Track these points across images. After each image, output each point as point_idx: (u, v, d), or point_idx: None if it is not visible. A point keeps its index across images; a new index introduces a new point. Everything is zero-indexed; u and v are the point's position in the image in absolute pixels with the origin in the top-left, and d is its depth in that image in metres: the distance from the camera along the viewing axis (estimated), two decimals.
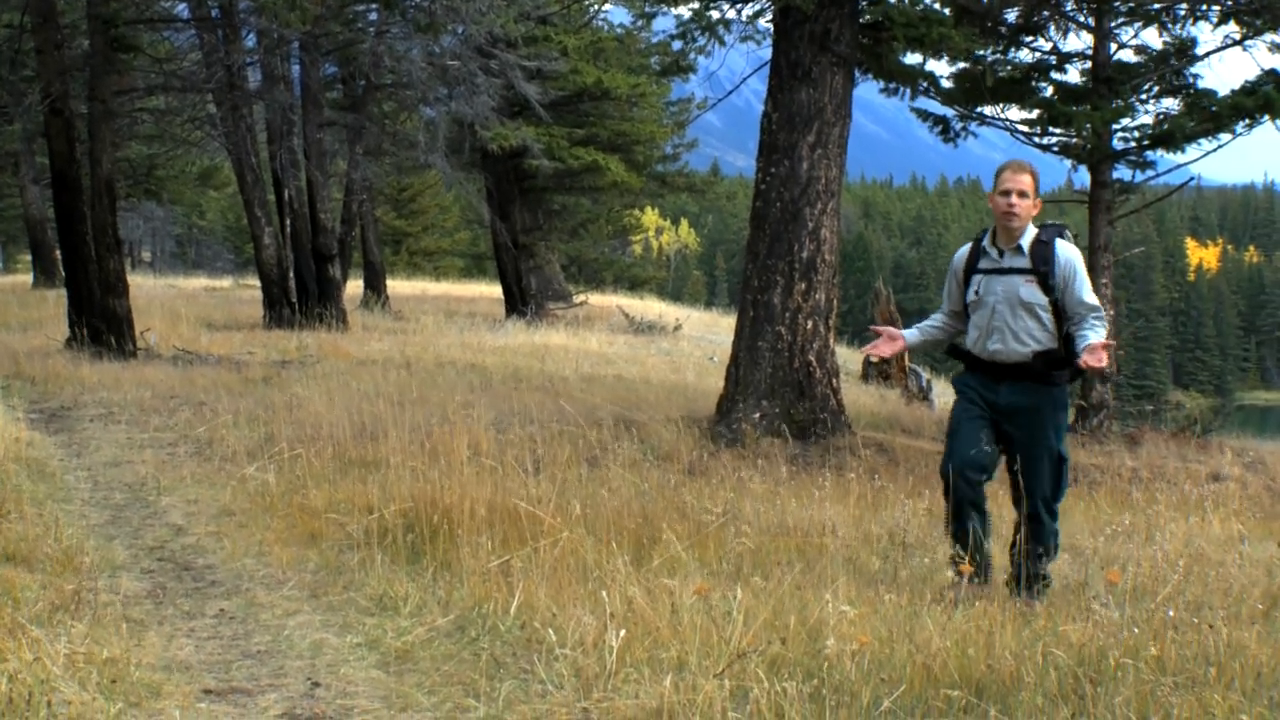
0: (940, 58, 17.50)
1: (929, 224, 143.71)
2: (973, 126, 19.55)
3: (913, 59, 17.28)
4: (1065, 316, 7.65)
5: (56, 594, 7.19)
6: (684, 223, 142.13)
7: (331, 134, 33.63)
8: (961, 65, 18.67)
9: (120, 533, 9.46)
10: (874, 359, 8.66)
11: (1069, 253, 7.70)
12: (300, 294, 31.19)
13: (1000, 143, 21.62)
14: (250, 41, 29.94)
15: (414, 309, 37.77)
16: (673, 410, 16.16)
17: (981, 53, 18.20)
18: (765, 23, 16.03)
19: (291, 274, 31.39)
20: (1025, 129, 19.39)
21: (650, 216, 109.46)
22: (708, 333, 40.39)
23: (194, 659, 6.50)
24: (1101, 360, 7.29)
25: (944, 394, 27.49)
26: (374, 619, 7.12)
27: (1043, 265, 7.63)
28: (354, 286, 38.89)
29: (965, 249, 8.07)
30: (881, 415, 17.28)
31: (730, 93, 17.53)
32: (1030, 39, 19.08)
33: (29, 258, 55.04)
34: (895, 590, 6.91)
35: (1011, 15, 18.23)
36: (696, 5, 15.75)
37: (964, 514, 7.68)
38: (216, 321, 29.40)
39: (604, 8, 30.73)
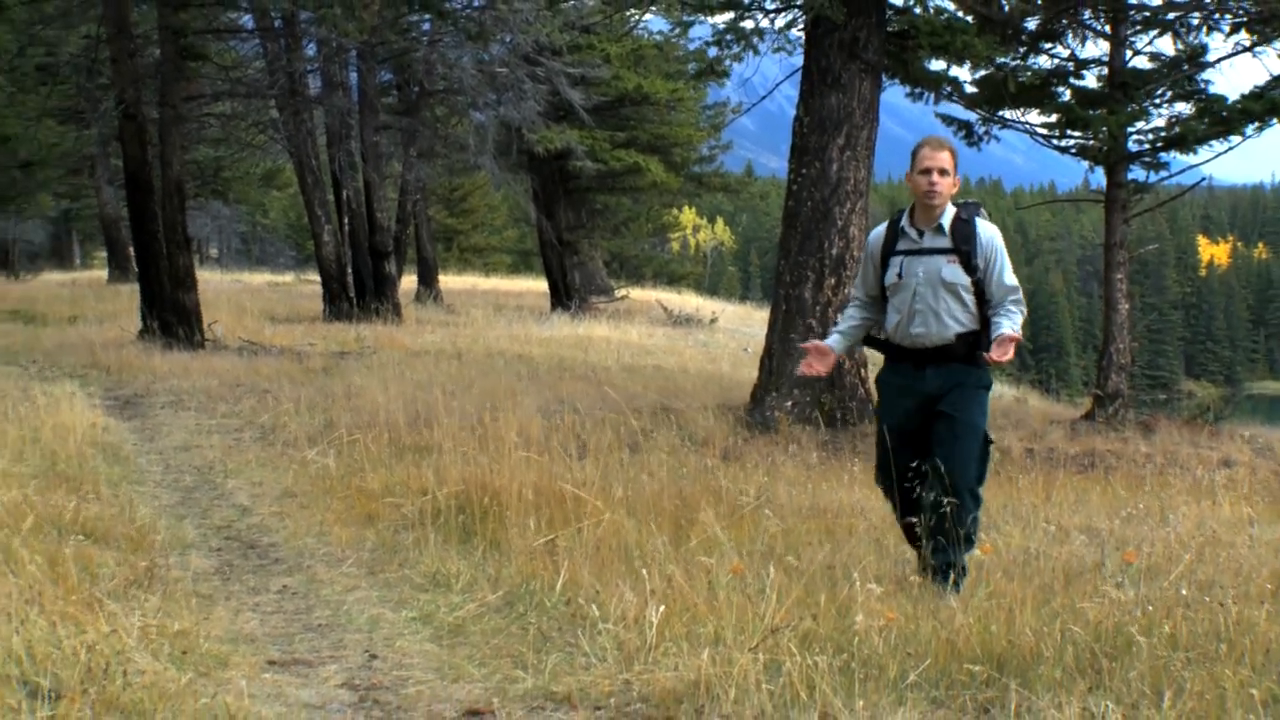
0: (963, 64, 17.43)
1: None
2: (994, 130, 19.46)
3: (937, 65, 17.25)
4: (985, 297, 7.12)
5: (131, 570, 7.22)
6: (720, 221, 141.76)
7: (387, 137, 33.69)
8: (984, 71, 18.58)
9: (190, 513, 9.50)
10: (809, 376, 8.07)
11: (990, 231, 7.21)
12: (358, 288, 31.27)
13: (1020, 145, 21.63)
14: (311, 50, 30.02)
15: (465, 303, 37.81)
16: (709, 399, 16.14)
17: (1003, 59, 18.10)
18: (797, 31, 16.01)
19: (350, 270, 31.47)
20: (1044, 132, 19.31)
21: (688, 215, 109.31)
22: (742, 325, 40.31)
23: (259, 632, 6.53)
24: (1008, 355, 6.82)
25: None
26: (428, 595, 7.14)
27: (964, 244, 7.11)
28: (408, 281, 38.92)
29: (880, 230, 7.45)
30: None
31: (764, 98, 17.50)
32: (1049, 46, 18.97)
33: (105, 254, 55.33)
34: (920, 570, 6.89)
35: (1031, 24, 18.13)
36: (732, 15, 15.71)
37: (909, 509, 7.17)
38: (279, 314, 29.48)
39: (644, 17, 30.60)
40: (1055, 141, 19.34)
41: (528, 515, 8.04)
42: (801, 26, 15.46)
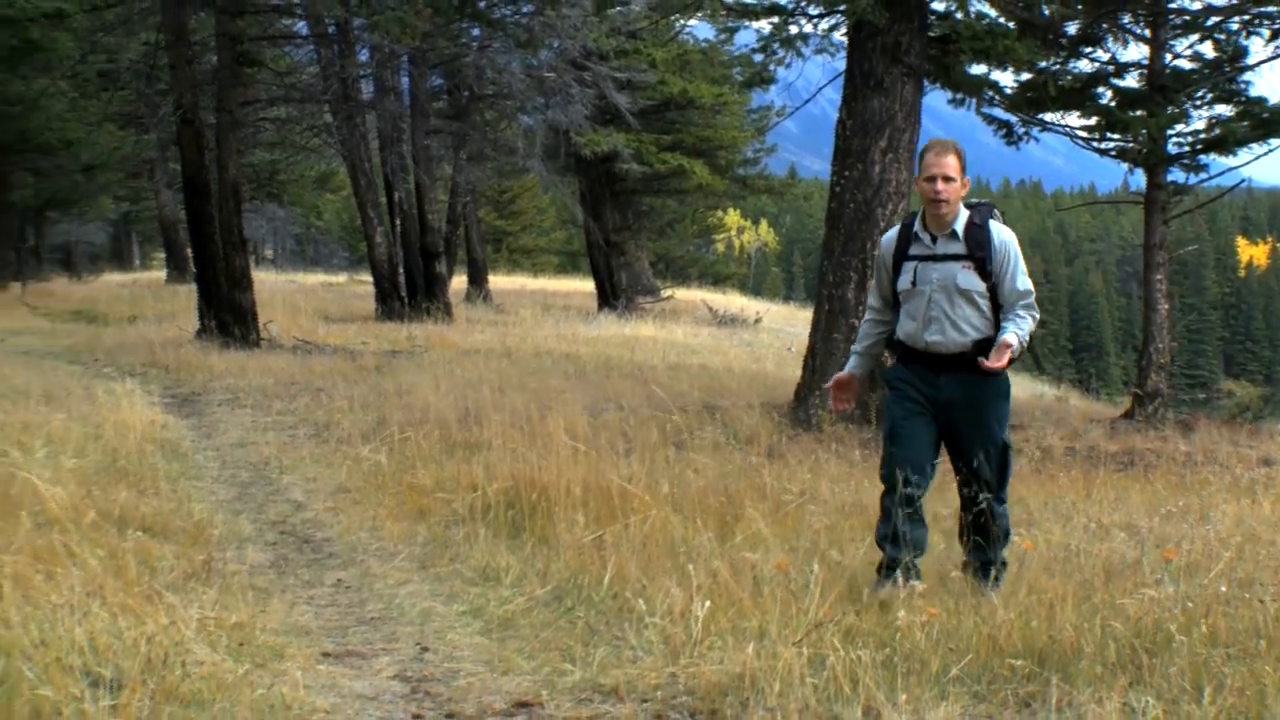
0: (1004, 68, 17.36)
1: None
2: (1035, 132, 19.37)
3: (978, 69, 17.18)
4: (1000, 303, 6.83)
5: (189, 563, 7.27)
6: (764, 222, 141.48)
7: (438, 141, 33.78)
8: (1025, 75, 18.50)
9: (246, 508, 9.55)
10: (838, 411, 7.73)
11: (1004, 235, 6.86)
12: (409, 289, 31.35)
13: (1060, 147, 21.47)
14: (363, 56, 30.13)
15: (514, 302, 37.86)
16: (753, 397, 16.12)
17: (1043, 63, 18.02)
18: (840, 36, 15.98)
19: (401, 270, 31.55)
20: (1084, 134, 19.21)
21: (732, 217, 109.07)
22: (786, 325, 40.25)
23: (313, 624, 6.56)
24: (1002, 362, 6.57)
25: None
26: (478, 589, 7.16)
27: (979, 250, 6.79)
28: (458, 282, 38.99)
29: (892, 234, 7.17)
30: None
31: (807, 101, 17.47)
32: (1090, 50, 18.87)
33: (163, 255, 55.65)
34: (961, 566, 6.87)
35: (1072, 28, 18.03)
36: (776, 20, 15.68)
37: (896, 516, 6.80)
38: (333, 314, 29.59)
39: (690, 23, 30.58)
40: (1095, 144, 19.24)
41: (576, 511, 8.05)
42: (844, 31, 15.44)
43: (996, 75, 18.14)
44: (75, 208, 51.42)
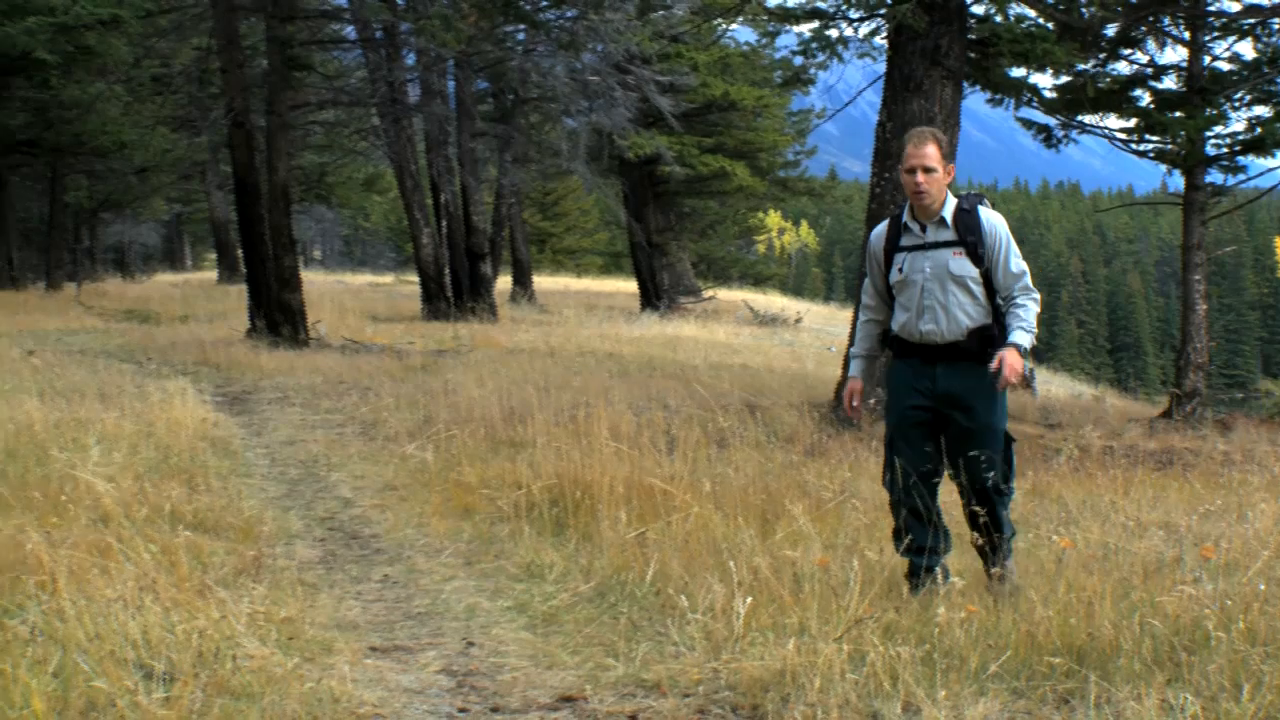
0: (1044, 71, 17.27)
1: (1031, 225, 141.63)
2: (1074, 134, 19.29)
3: (1018, 72, 17.09)
4: (994, 287, 6.62)
5: (239, 559, 7.30)
6: (804, 223, 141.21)
7: (483, 143, 33.85)
8: (1064, 77, 18.42)
9: (295, 504, 9.59)
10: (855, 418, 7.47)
11: (994, 219, 6.64)
12: (455, 289, 31.44)
13: (1099, 149, 21.36)
14: (410, 60, 30.23)
15: (557, 303, 37.93)
16: (794, 396, 16.09)
17: (1082, 66, 17.94)
18: (880, 39, 15.92)
19: (447, 271, 31.65)
20: (1123, 136, 19.12)
21: (773, 218, 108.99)
22: (826, 325, 40.19)
23: (361, 619, 6.58)
24: (1013, 371, 6.38)
25: (1046, 381, 27.17)
26: (523, 585, 7.17)
27: (969, 235, 6.58)
28: (503, 282, 39.07)
29: (882, 227, 6.95)
30: None
31: (847, 104, 17.41)
32: (1129, 52, 18.78)
33: (214, 256, 55.96)
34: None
35: (1111, 30, 17.95)
36: (817, 24, 15.65)
37: (913, 527, 6.67)
38: (380, 314, 29.69)
39: (731, 26, 30.57)
40: (1134, 145, 19.15)
41: (619, 508, 8.05)
42: (885, 35, 15.38)
43: (1035, 78, 18.14)
44: (129, 209, 51.73)
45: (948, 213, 6.63)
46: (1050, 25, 16.19)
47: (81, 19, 25.04)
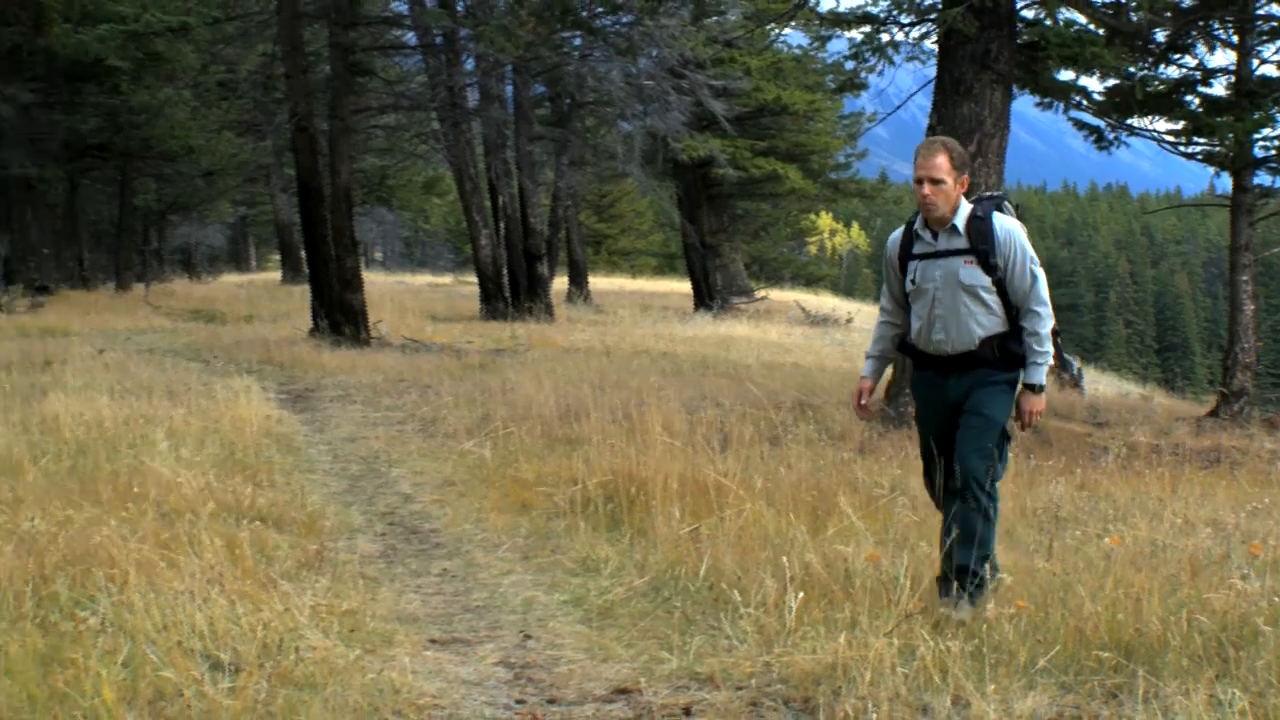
0: (1092, 74, 17.17)
1: (1080, 226, 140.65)
2: (1123, 136, 19.14)
3: (1067, 76, 16.99)
4: (1009, 296, 6.34)
5: (303, 553, 7.34)
6: (855, 225, 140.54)
7: (540, 147, 33.90)
8: (1112, 81, 18.29)
9: (356, 500, 9.63)
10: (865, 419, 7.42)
11: (1008, 225, 6.37)
12: (513, 289, 31.50)
13: (1147, 151, 21.23)
14: (469, 65, 30.29)
15: (612, 303, 37.94)
16: (845, 395, 16.03)
17: (1131, 69, 17.81)
18: (930, 44, 15.85)
19: (505, 271, 31.71)
20: (1171, 139, 18.97)
21: (824, 219, 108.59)
22: None
23: (421, 612, 6.60)
24: (1034, 415, 6.35)
25: (1094, 380, 27.00)
26: (578, 579, 7.18)
27: (981, 243, 6.30)
28: (560, 282, 39.14)
29: (898, 234, 6.68)
30: None
31: (898, 108, 17.36)
32: (1177, 56, 18.62)
33: (278, 257, 56.31)
34: (1049, 560, 6.79)
35: (1160, 35, 17.81)
36: (868, 29, 15.60)
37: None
38: (439, 314, 29.78)
39: (784, 32, 30.52)
40: (1182, 148, 19.00)
41: (672, 504, 8.04)
42: (935, 39, 15.31)
43: (1084, 81, 17.94)
44: (196, 211, 52.12)
45: (960, 220, 6.38)
46: (1099, 29, 16.08)
47: (151, 26, 25.25)
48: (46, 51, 28.94)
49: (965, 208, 6.42)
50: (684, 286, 45.10)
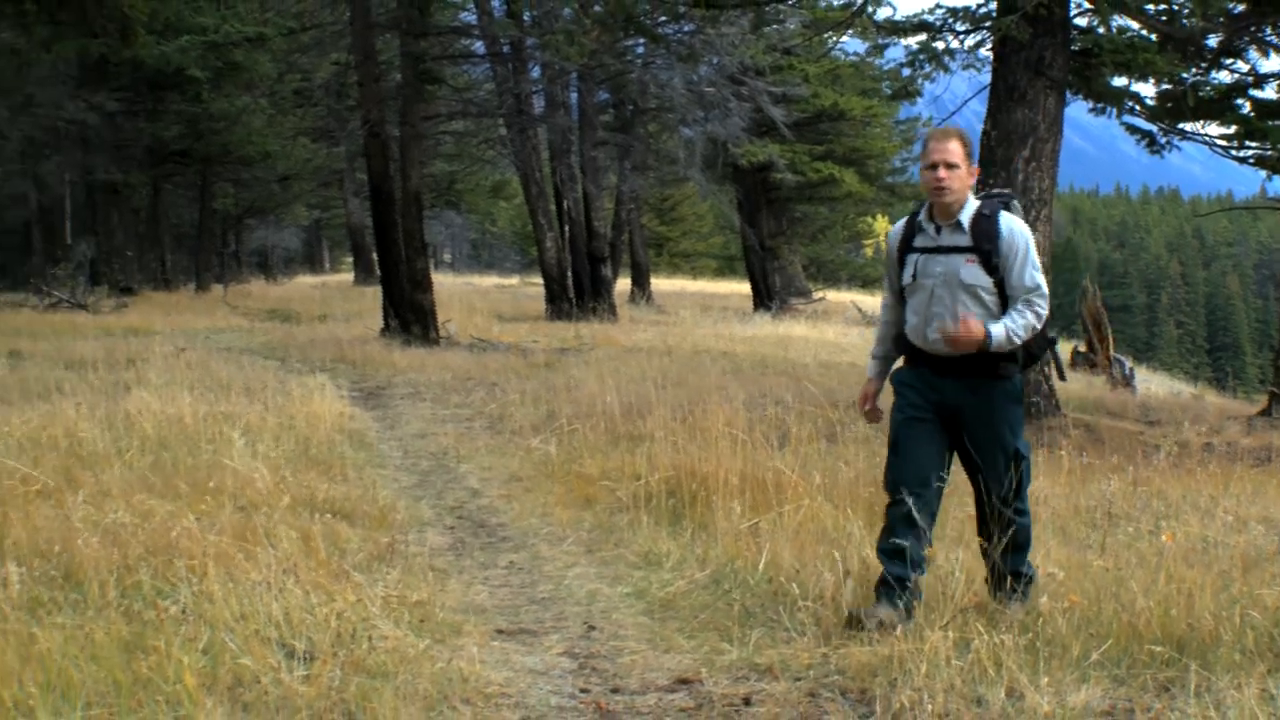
0: (1145, 80, 16.98)
1: (1131, 229, 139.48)
2: (1175, 140, 18.94)
3: (1120, 81, 16.82)
4: (1008, 299, 5.99)
5: (374, 545, 7.38)
6: None
7: (604, 152, 33.95)
8: (1165, 86, 18.10)
9: (426, 494, 9.67)
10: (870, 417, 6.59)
11: (1015, 226, 5.98)
12: (577, 290, 31.54)
13: (1199, 155, 21.01)
14: (535, 73, 30.37)
15: (674, 303, 37.91)
16: None
17: (1184, 74, 17.62)
18: (985, 51, 15.74)
19: (570, 273, 31.76)
20: (1223, 143, 18.75)
21: (881, 222, 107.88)
22: None
23: (488, 603, 6.62)
24: (962, 332, 5.81)
25: (1145, 380, 26.76)
26: (641, 572, 7.17)
27: (986, 243, 5.93)
28: (623, 284, 39.13)
29: (900, 225, 6.33)
30: (1089, 399, 16.88)
31: (953, 114, 17.24)
32: (1229, 61, 18.40)
33: (351, 259, 56.68)
34: (1102, 555, 6.73)
35: (1212, 40, 17.61)
36: (924, 37, 15.51)
37: (900, 532, 5.99)
38: (505, 314, 29.86)
39: (841, 39, 30.46)
40: (1234, 151, 18.78)
41: (733, 500, 8.03)
42: (990, 47, 15.22)
43: (1137, 87, 17.76)
44: (272, 215, 52.56)
45: (966, 216, 6.02)
46: (1152, 36, 15.93)
47: (230, 37, 25.46)
48: (132, 62, 29.25)
49: (972, 204, 6.07)
50: (743, 288, 44.98)
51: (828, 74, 37.61)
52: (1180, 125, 18.66)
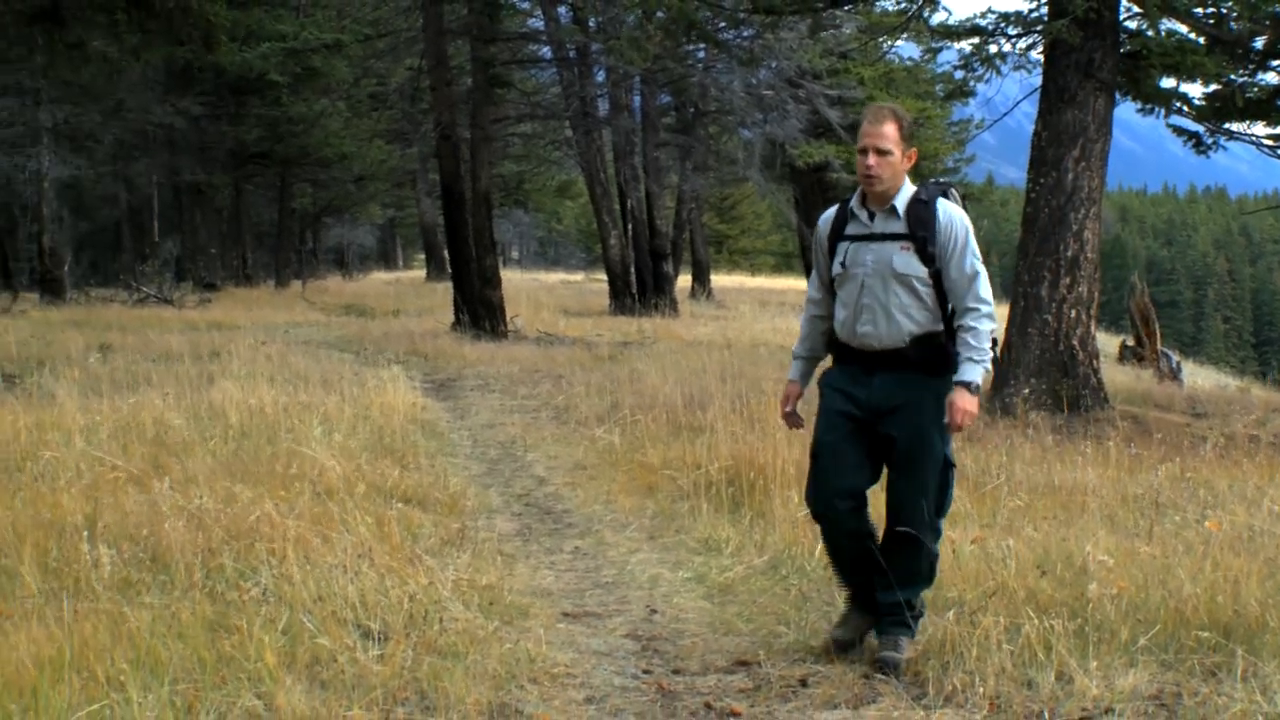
0: (1193, 81, 16.79)
1: (1179, 226, 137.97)
2: (1222, 140, 18.70)
3: (1168, 83, 16.65)
4: (946, 291, 5.34)
5: (445, 531, 7.42)
6: None
7: (666, 153, 33.93)
8: (1213, 87, 17.88)
9: (494, 482, 9.70)
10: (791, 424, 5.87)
11: (953, 213, 5.35)
12: (640, 286, 31.55)
13: (1246, 154, 20.74)
14: (600, 77, 30.40)
15: (733, 299, 37.85)
16: None
17: (1232, 76, 17.40)
18: (1036, 54, 15.61)
19: (633, 270, 31.78)
20: (1270, 142, 18.50)
21: None
22: None
23: (554, 587, 6.64)
24: (959, 427, 5.20)
25: (1193, 374, 26.48)
26: (701, 558, 7.17)
27: (921, 230, 5.30)
28: (684, 280, 39.06)
29: (831, 212, 5.67)
30: (1136, 392, 16.70)
31: (1004, 115, 17.13)
32: (1276, 63, 18.16)
33: (423, 256, 56.91)
34: (1150, 543, 6.66)
35: (1259, 42, 17.38)
36: (977, 41, 15.41)
37: (843, 551, 5.51)
38: (571, 309, 29.90)
39: (896, 44, 30.30)
40: None
41: (790, 488, 8.01)
42: (1040, 50, 15.10)
43: (1185, 88, 17.54)
44: (348, 213, 52.91)
45: (901, 202, 5.38)
46: (1200, 38, 15.75)
47: (308, 43, 25.67)
48: (215, 68, 29.56)
49: (908, 190, 5.42)
50: (801, 284, 44.82)
51: (882, 77, 37.36)
52: (1227, 125, 18.44)
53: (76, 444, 8.98)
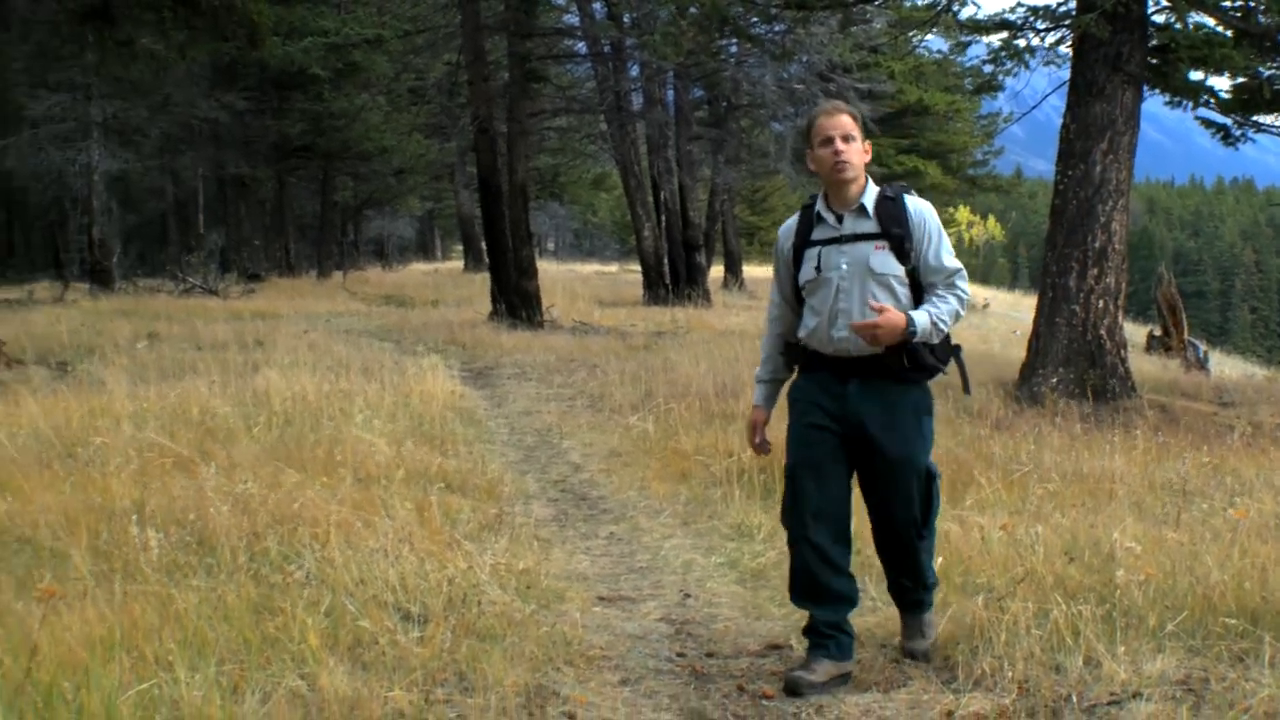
0: (1221, 74, 16.66)
1: (1206, 218, 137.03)
2: (1249, 132, 18.55)
3: (1196, 76, 16.53)
4: (922, 288, 5.08)
5: (483, 516, 7.43)
6: (991, 218, 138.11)
7: (699, 146, 33.87)
8: (1241, 80, 17.73)
9: (531, 468, 9.72)
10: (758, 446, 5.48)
11: (922, 208, 5.10)
12: (673, 277, 31.54)
13: (1273, 146, 20.58)
14: (634, 71, 30.38)
15: (765, 290, 37.59)
16: (982, 376, 15.79)
17: (1260, 69, 17.26)
18: (1065, 48, 15.51)
19: (666, 261, 31.77)
20: None
21: (963, 213, 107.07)
22: (1011, 311, 39.39)
23: (590, 571, 6.65)
24: (875, 321, 4.82)
25: (1221, 363, 26.32)
26: (733, 543, 7.17)
27: (895, 226, 5.01)
28: (716, 271, 39.03)
29: (792, 221, 5.28)
30: (1164, 381, 16.60)
31: (1033, 108, 17.03)
32: None
33: (461, 247, 57.03)
34: (1177, 530, 6.62)
35: None
36: (1006, 35, 15.33)
37: (820, 571, 5.08)
38: (605, 299, 29.91)
39: (926, 38, 30.16)
40: None
41: None
42: (1069, 43, 15.01)
43: (1212, 81, 17.41)
44: (388, 206, 53.07)
45: (869, 201, 5.08)
46: (1228, 31, 15.63)
47: (350, 38, 25.67)
48: (259, 64, 29.65)
49: (873, 189, 5.13)
50: None
51: (912, 71, 37.29)
52: (1255, 118, 18.30)
53: (125, 430, 9.04)
